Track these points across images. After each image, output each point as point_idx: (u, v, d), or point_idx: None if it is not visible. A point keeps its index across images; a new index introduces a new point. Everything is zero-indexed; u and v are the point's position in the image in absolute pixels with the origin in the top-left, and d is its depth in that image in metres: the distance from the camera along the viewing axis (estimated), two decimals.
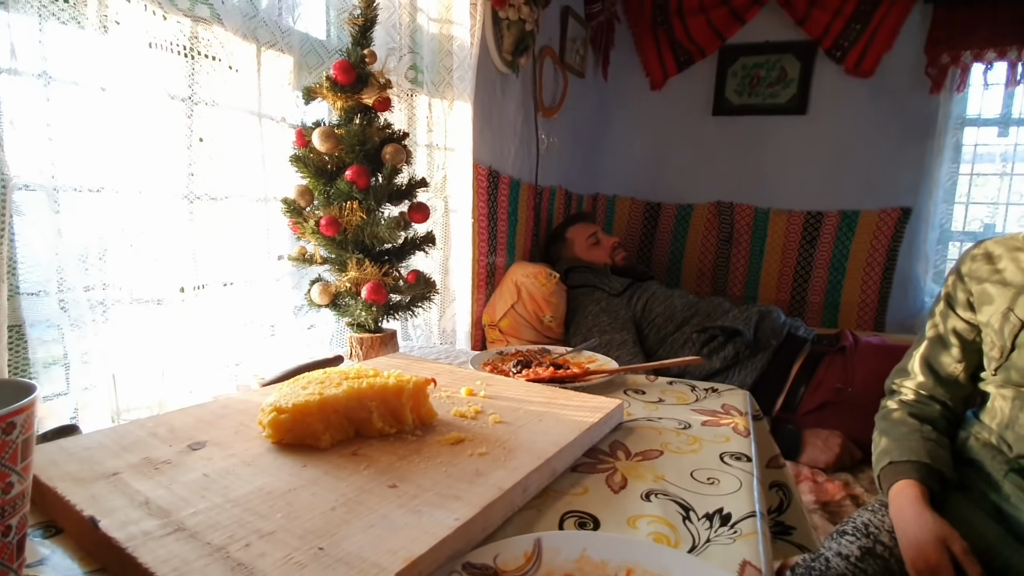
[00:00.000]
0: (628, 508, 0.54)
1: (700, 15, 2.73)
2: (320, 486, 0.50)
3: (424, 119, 1.58)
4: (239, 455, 0.56)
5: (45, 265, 0.79)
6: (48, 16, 0.77)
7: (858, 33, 2.51)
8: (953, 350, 1.05)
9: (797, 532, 0.86)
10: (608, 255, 2.23)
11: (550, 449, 0.59)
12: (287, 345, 1.17)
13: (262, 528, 0.43)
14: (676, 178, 2.97)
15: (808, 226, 2.72)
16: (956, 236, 2.59)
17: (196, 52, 0.96)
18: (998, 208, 2.52)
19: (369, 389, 0.62)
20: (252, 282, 1.10)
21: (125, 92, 0.85)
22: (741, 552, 0.48)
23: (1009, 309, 0.94)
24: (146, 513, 0.45)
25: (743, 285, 2.85)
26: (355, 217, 0.98)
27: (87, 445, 0.58)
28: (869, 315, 2.64)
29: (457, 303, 1.77)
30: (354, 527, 0.44)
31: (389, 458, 0.57)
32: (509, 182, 2.09)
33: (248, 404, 0.70)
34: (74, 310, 0.81)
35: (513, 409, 0.71)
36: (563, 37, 2.42)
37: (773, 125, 2.77)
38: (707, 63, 2.83)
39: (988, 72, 2.36)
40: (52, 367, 0.82)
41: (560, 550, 0.44)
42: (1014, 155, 2.44)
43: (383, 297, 0.99)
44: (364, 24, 0.99)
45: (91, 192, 0.84)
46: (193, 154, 0.98)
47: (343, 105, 1.00)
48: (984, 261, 1.01)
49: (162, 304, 0.93)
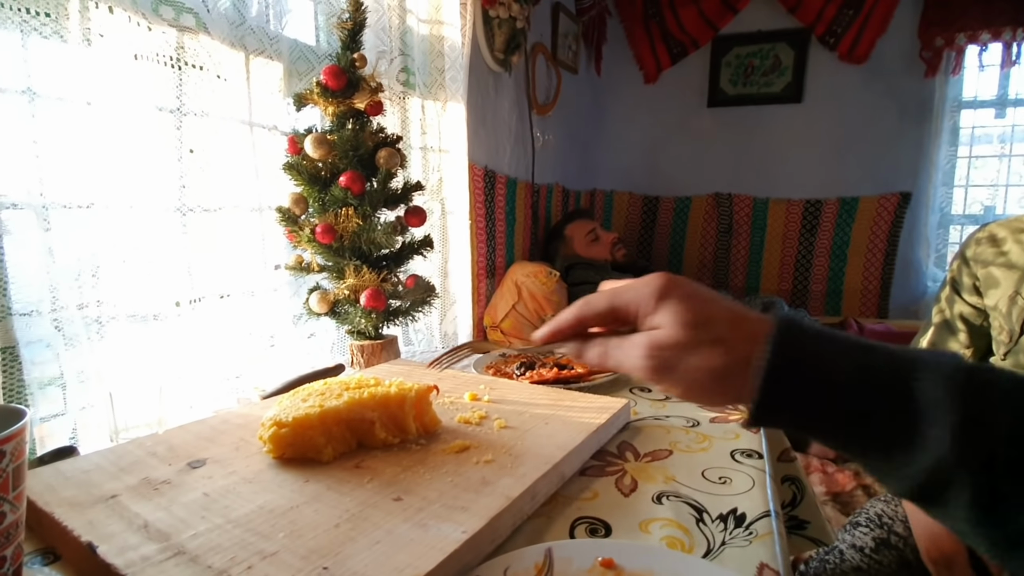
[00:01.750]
0: (640, 512, 0.53)
1: (692, 6, 2.71)
2: (323, 502, 0.49)
3: (417, 121, 1.56)
4: (240, 472, 0.55)
5: (37, 284, 0.78)
6: (30, 31, 0.76)
7: (851, 19, 2.50)
8: (960, 335, 1.04)
9: (812, 526, 0.85)
10: (608, 251, 2.22)
11: (558, 453, 0.58)
12: (287, 355, 1.15)
13: (264, 549, 0.42)
14: (673, 171, 2.95)
15: (807, 214, 2.71)
16: (957, 219, 2.58)
17: (183, 62, 0.94)
18: (998, 190, 2.50)
19: (370, 399, 0.61)
20: (249, 293, 1.09)
21: (112, 106, 0.84)
22: (758, 554, 0.46)
23: (1016, 292, 0.93)
24: (145, 537, 0.44)
25: (744, 276, 2.83)
26: (351, 223, 0.97)
27: (85, 468, 0.56)
28: (872, 302, 2.63)
29: (458, 306, 1.75)
30: (359, 544, 0.42)
31: (393, 469, 0.55)
32: (506, 181, 2.07)
33: (248, 419, 0.69)
34: (68, 329, 0.80)
35: (518, 413, 0.70)
36: (555, 33, 2.41)
37: (769, 114, 2.76)
38: (700, 54, 2.82)
39: (983, 53, 2.35)
40: (48, 388, 0.81)
41: (572, 559, 0.43)
42: (1012, 136, 2.42)
43: (382, 303, 0.98)
44: (353, 28, 0.98)
45: (81, 208, 0.83)
46: (184, 166, 0.96)
47: (335, 110, 0.99)
48: (989, 244, 1.00)
49: (158, 319, 0.92)
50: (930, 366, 0.32)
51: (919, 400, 0.32)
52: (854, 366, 0.34)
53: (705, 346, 0.37)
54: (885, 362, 0.34)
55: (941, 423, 0.31)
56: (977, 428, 0.30)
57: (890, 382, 0.33)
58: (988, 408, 0.31)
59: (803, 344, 0.35)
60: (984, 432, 0.30)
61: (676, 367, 0.38)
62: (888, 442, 0.33)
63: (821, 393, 0.34)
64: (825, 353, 0.35)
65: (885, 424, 0.33)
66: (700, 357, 0.37)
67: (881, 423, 0.33)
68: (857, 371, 0.34)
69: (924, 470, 0.31)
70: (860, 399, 0.33)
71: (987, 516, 0.30)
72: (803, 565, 1.06)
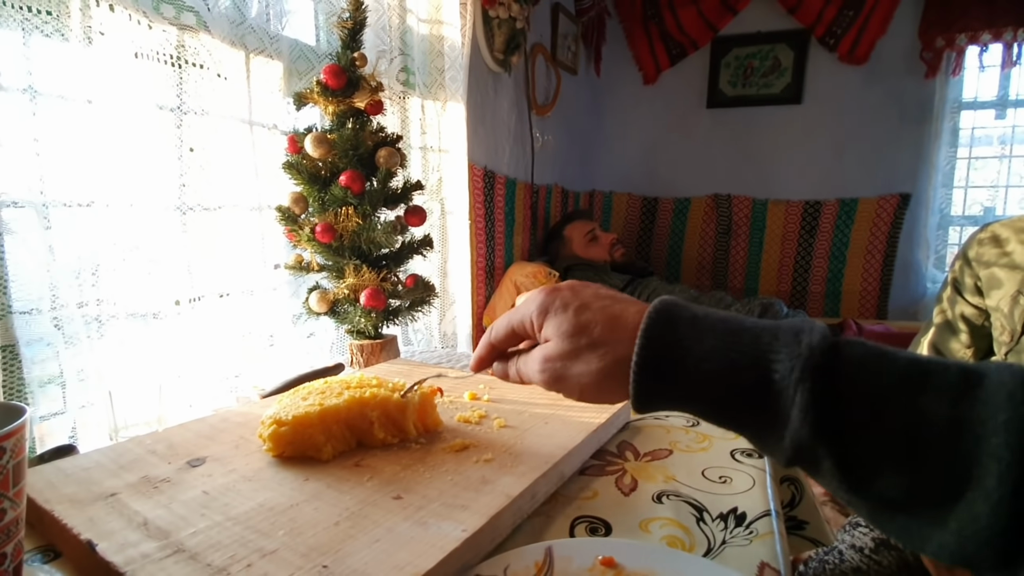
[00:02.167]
0: (640, 511, 0.53)
1: (691, 6, 2.72)
2: (323, 500, 0.49)
3: (417, 121, 1.56)
4: (240, 470, 0.55)
5: (37, 283, 0.78)
6: (32, 30, 0.76)
7: (851, 19, 2.50)
8: (962, 335, 1.04)
9: (811, 526, 0.84)
10: (607, 252, 2.22)
11: (558, 453, 0.58)
12: (287, 354, 1.15)
13: (264, 547, 0.42)
14: (672, 172, 2.95)
15: (807, 215, 2.71)
16: (956, 220, 2.58)
17: (183, 61, 0.94)
18: (998, 191, 2.50)
19: (371, 398, 0.61)
20: (249, 292, 1.09)
21: (112, 104, 0.84)
22: (758, 553, 0.46)
23: (1019, 292, 0.93)
24: (145, 535, 0.44)
25: (743, 277, 2.83)
26: (351, 223, 0.97)
27: (85, 465, 0.56)
28: (871, 303, 2.63)
29: (457, 306, 1.75)
30: (359, 542, 0.42)
31: (393, 468, 0.55)
32: (505, 182, 2.07)
33: (248, 417, 0.68)
34: (68, 327, 0.80)
35: (518, 412, 0.70)
36: (554, 34, 2.41)
37: (768, 115, 2.76)
38: (700, 55, 2.82)
39: (984, 54, 2.35)
40: (48, 386, 0.81)
41: (572, 558, 0.43)
42: (1012, 137, 2.42)
43: (382, 303, 0.98)
44: (353, 27, 0.98)
45: (81, 207, 0.83)
46: (184, 164, 0.96)
47: (335, 110, 0.99)
48: (992, 245, 1.00)
49: (158, 318, 0.92)
50: (786, 345, 0.34)
51: (776, 380, 0.33)
52: (720, 350, 0.35)
53: (586, 351, 0.40)
54: (748, 343, 0.35)
55: (794, 402, 0.32)
56: (826, 400, 0.32)
57: (751, 363, 0.34)
58: (837, 379, 0.32)
59: (675, 332, 0.37)
60: (832, 403, 0.32)
61: (566, 375, 0.41)
62: (755, 421, 0.35)
63: (690, 380, 0.36)
64: (692, 340, 0.36)
65: (750, 404, 0.34)
66: (584, 363, 0.40)
67: (746, 403, 0.35)
68: (722, 354, 0.35)
69: (790, 445, 0.33)
70: (725, 383, 0.35)
71: (852, 483, 0.32)
72: (802, 565, 1.06)
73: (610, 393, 0.41)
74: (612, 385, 0.40)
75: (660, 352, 0.37)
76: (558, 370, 0.41)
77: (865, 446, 0.31)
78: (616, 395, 0.40)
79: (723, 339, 0.36)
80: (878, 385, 0.32)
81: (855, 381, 0.32)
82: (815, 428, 0.32)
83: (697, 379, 0.36)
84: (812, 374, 0.32)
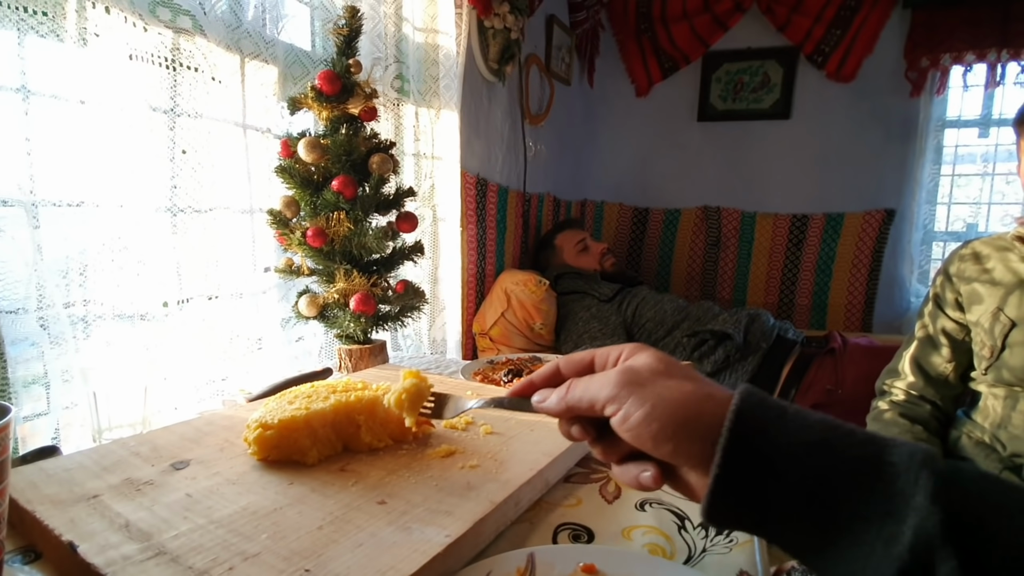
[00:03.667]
0: (622, 519, 0.54)
1: (683, 22, 2.75)
2: (307, 504, 0.49)
3: (411, 128, 1.57)
4: (224, 473, 0.55)
5: (24, 282, 0.77)
6: (27, 30, 0.76)
7: (839, 38, 2.54)
8: (943, 350, 1.06)
9: None
10: (597, 261, 2.23)
11: (542, 460, 0.58)
12: (274, 358, 1.15)
13: (247, 550, 0.42)
14: (663, 183, 2.98)
15: (794, 229, 2.74)
16: (940, 236, 2.62)
17: (178, 64, 0.94)
18: (980, 208, 2.55)
19: (357, 402, 0.61)
20: (238, 295, 1.09)
21: (105, 105, 0.84)
22: (738, 561, 0.47)
23: (999, 308, 0.95)
24: (126, 536, 0.44)
25: (732, 288, 2.86)
26: (342, 228, 0.97)
27: (67, 466, 0.56)
28: (856, 316, 2.66)
29: (447, 312, 1.75)
30: (342, 547, 0.43)
31: (378, 473, 0.56)
32: (497, 190, 2.08)
33: (233, 420, 0.68)
34: (54, 327, 0.80)
35: (504, 419, 0.70)
36: (548, 45, 2.43)
37: (757, 130, 2.79)
38: (691, 70, 2.85)
39: (968, 74, 2.40)
40: (32, 386, 0.80)
41: (554, 564, 0.44)
42: (995, 155, 2.47)
43: (372, 308, 0.98)
44: (349, 34, 0.99)
45: (71, 207, 0.82)
46: (176, 166, 0.96)
47: (329, 115, 0.99)
48: (972, 261, 1.02)
49: (145, 319, 0.92)
50: (895, 444, 0.31)
51: (894, 463, 0.29)
52: (818, 437, 0.32)
53: (677, 378, 0.36)
54: (850, 431, 0.32)
55: (918, 486, 0.28)
56: (953, 491, 0.28)
57: (860, 442, 0.31)
58: (960, 477, 0.29)
59: (767, 414, 0.33)
60: (961, 497, 0.28)
61: (647, 384, 0.36)
62: (861, 507, 0.29)
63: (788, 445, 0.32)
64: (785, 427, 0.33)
65: (858, 481, 0.30)
66: (674, 381, 0.36)
67: (854, 478, 0.30)
68: (822, 436, 0.32)
69: (912, 536, 0.28)
70: (828, 469, 0.31)
71: None
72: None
73: (683, 425, 0.34)
74: (689, 415, 0.34)
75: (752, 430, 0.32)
76: (640, 375, 0.37)
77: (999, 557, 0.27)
78: (686, 430, 0.34)
79: (822, 430, 0.32)
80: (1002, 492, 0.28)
81: (979, 482, 0.29)
82: (944, 521, 0.27)
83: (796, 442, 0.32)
84: (933, 463, 0.29)
